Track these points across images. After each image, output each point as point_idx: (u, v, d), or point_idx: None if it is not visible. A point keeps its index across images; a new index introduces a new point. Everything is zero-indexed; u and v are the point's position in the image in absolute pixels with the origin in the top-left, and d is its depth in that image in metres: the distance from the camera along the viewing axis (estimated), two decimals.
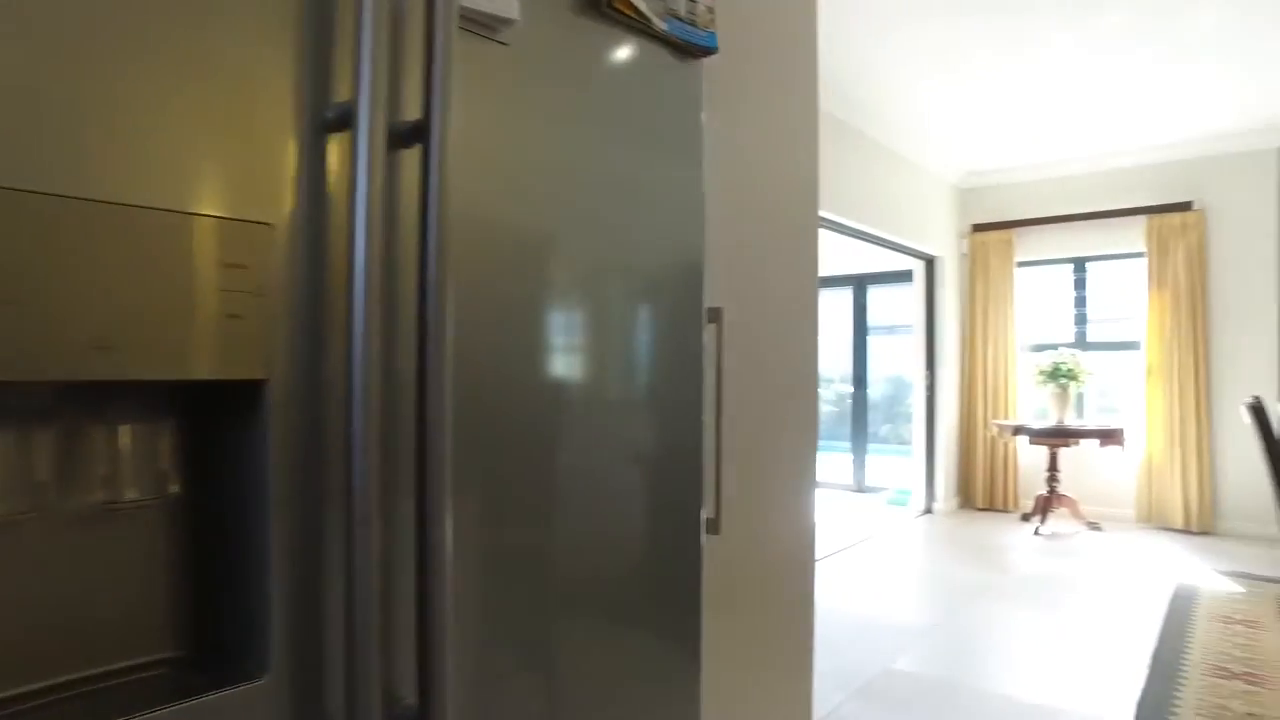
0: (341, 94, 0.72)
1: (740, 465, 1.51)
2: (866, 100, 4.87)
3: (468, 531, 0.84)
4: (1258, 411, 3.21)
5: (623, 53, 1.05)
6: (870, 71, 4.42)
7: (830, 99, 4.74)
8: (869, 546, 5.20)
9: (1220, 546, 5.13)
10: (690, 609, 1.17)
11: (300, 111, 0.69)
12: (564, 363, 0.98)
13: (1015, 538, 5.41)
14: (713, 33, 1.18)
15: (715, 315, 1.27)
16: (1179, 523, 5.52)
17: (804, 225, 1.83)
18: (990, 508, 6.31)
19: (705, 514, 1.23)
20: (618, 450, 1.06)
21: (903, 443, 7.13)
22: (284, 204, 0.68)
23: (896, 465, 7.09)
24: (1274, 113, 5.04)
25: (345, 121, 0.70)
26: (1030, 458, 6.18)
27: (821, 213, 4.73)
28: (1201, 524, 5.47)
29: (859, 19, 3.79)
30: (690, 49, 1.15)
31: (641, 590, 1.13)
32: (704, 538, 1.20)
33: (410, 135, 0.74)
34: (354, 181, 0.68)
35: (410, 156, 0.77)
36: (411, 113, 0.77)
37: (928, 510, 6.27)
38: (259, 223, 0.66)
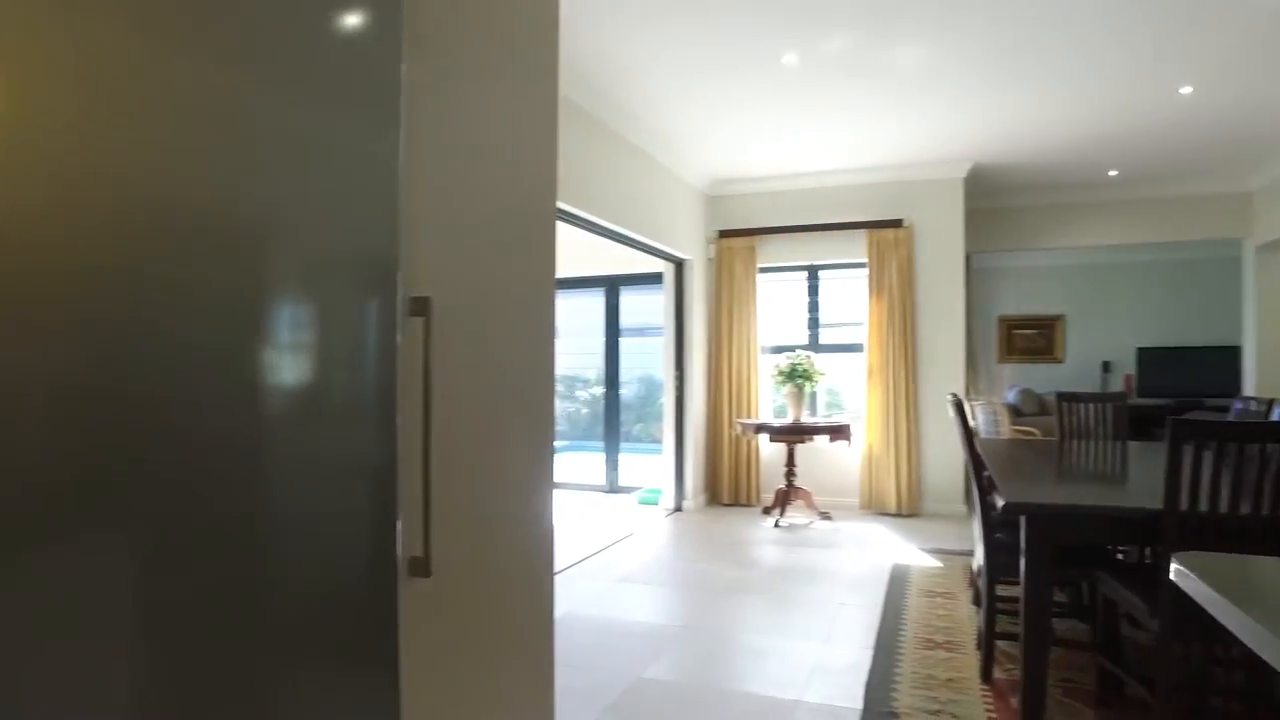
0: None
1: (464, 478, 1.28)
2: (624, 102, 4.83)
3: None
4: (958, 406, 3.55)
5: None
6: (627, 73, 4.38)
7: (584, 94, 4.64)
8: (621, 549, 5.17)
9: (925, 527, 5.73)
10: (383, 662, 0.91)
11: None
12: (201, 364, 0.69)
13: (758, 531, 5.67)
14: None
15: (422, 306, 1.03)
16: (893, 508, 6.11)
17: (542, 215, 1.63)
18: (736, 502, 6.60)
19: (408, 552, 0.98)
20: (276, 474, 0.78)
21: (654, 441, 7.26)
22: None
23: (648, 464, 7.22)
24: (963, 147, 5.73)
25: None
26: (771, 454, 6.53)
27: (571, 207, 4.62)
28: (910, 508, 6.09)
29: (608, 15, 3.70)
30: None
31: (318, 647, 0.86)
32: (402, 581, 0.95)
33: None
34: None
35: None
36: None
37: (678, 508, 6.41)
38: None
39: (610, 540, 5.36)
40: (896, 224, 6.22)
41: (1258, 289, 6.62)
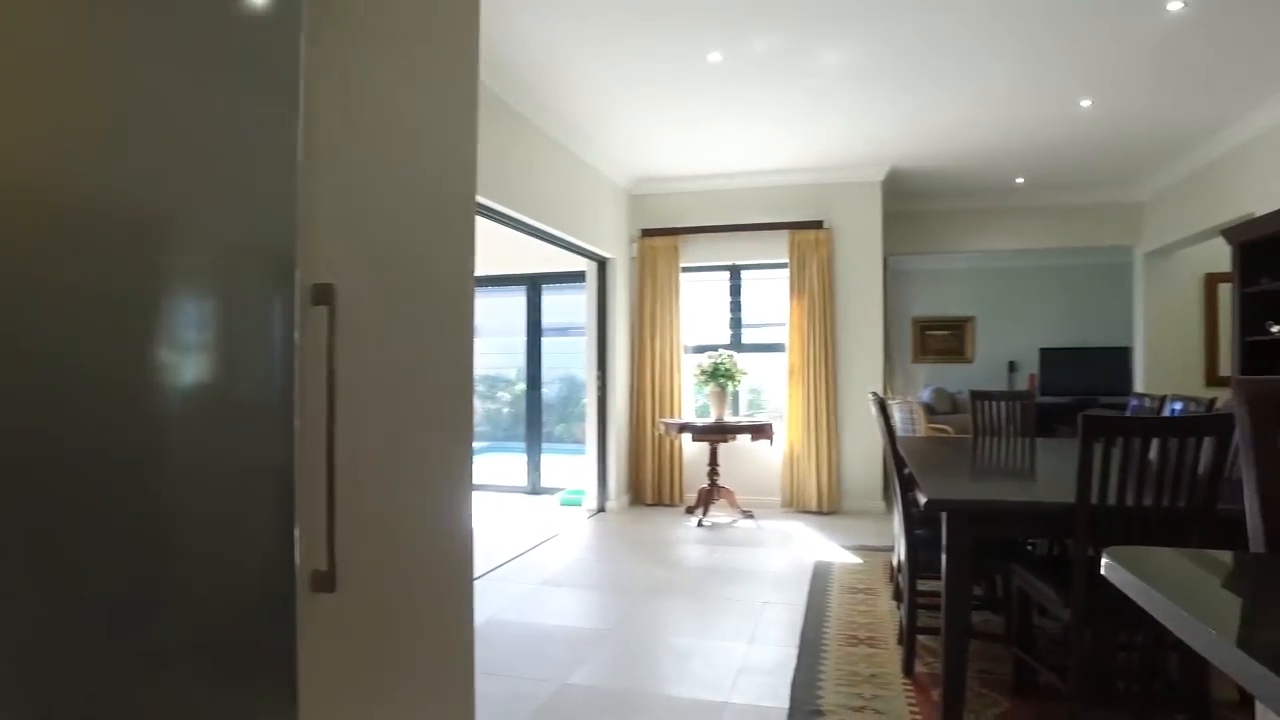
0: None
1: (375, 483, 1.18)
2: (547, 95, 4.74)
3: None
4: (881, 405, 3.61)
5: None
6: (551, 65, 4.29)
7: (505, 85, 4.53)
8: (543, 551, 5.07)
9: (845, 524, 5.83)
10: (279, 682, 0.82)
11: None
12: (76, 363, 0.59)
13: (681, 531, 5.66)
14: None
15: (325, 294, 0.94)
16: (815, 506, 6.20)
17: (460, 203, 1.54)
18: (659, 502, 6.58)
19: (309, 565, 0.89)
20: (163, 478, 0.69)
21: (577, 442, 7.18)
22: None
23: (571, 465, 7.13)
24: (881, 150, 5.87)
25: None
26: (694, 453, 6.54)
27: (491, 202, 4.50)
28: (831, 506, 6.19)
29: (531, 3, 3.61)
30: None
31: (209, 667, 0.76)
32: (302, 597, 0.86)
33: None
34: None
35: None
36: None
37: (601, 509, 6.35)
38: None
39: (532, 543, 5.25)
40: (817, 225, 6.31)
41: (1145, 292, 7.00)
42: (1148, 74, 4.33)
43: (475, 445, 1.56)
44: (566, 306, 7.29)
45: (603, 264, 6.40)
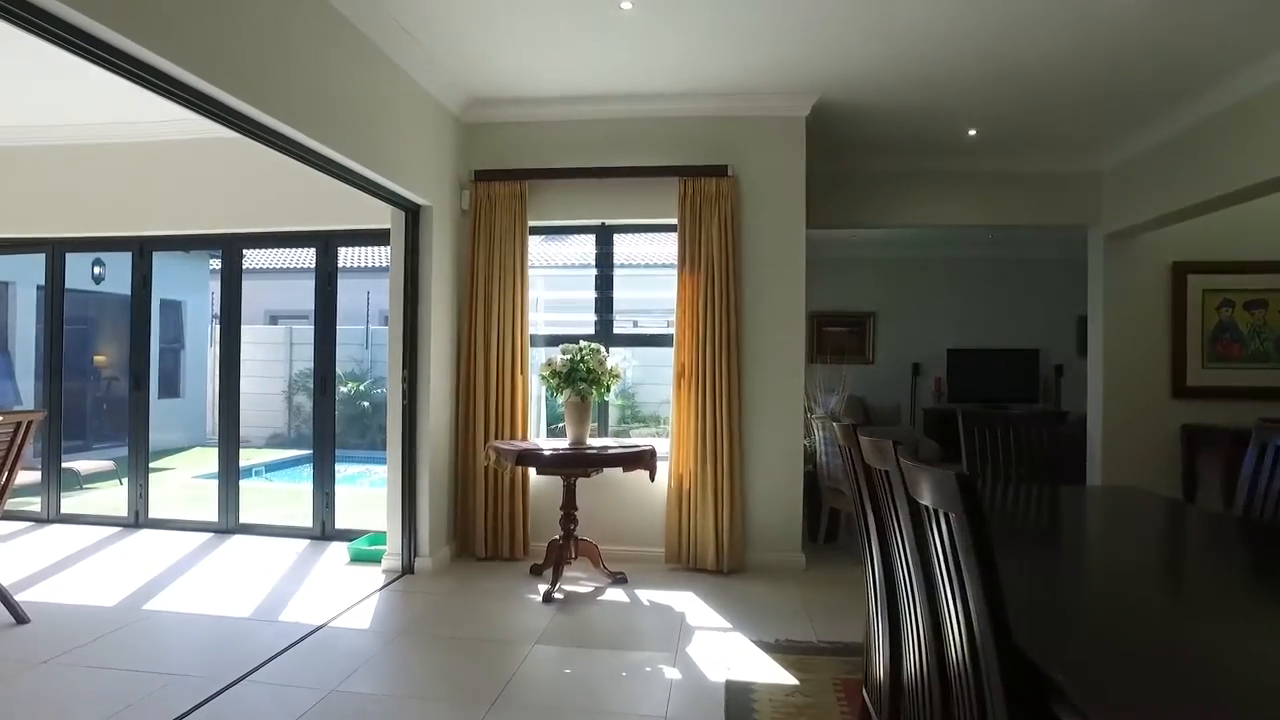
0: None
1: None
2: None
3: None
4: (850, 435, 1.90)
5: None
6: None
7: None
8: (292, 666, 3.03)
9: (757, 593, 4.10)
10: None
11: None
12: None
13: (521, 613, 3.75)
14: None
15: None
16: (711, 562, 4.44)
17: None
18: (496, 555, 4.64)
19: None
20: None
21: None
22: None
23: (375, 498, 5.06)
24: (805, 72, 4.19)
25: None
26: (544, 487, 4.65)
27: (225, 93, 2.50)
28: (733, 561, 4.45)
29: None
30: None
31: None
32: None
33: None
34: None
35: None
36: None
37: (407, 568, 4.34)
38: None
39: (279, 644, 3.20)
40: (719, 171, 4.55)
41: (1105, 282, 5.70)
42: None
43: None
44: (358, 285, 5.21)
45: (413, 214, 4.38)
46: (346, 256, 13.57)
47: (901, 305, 9.50)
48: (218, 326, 12.91)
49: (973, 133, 5.06)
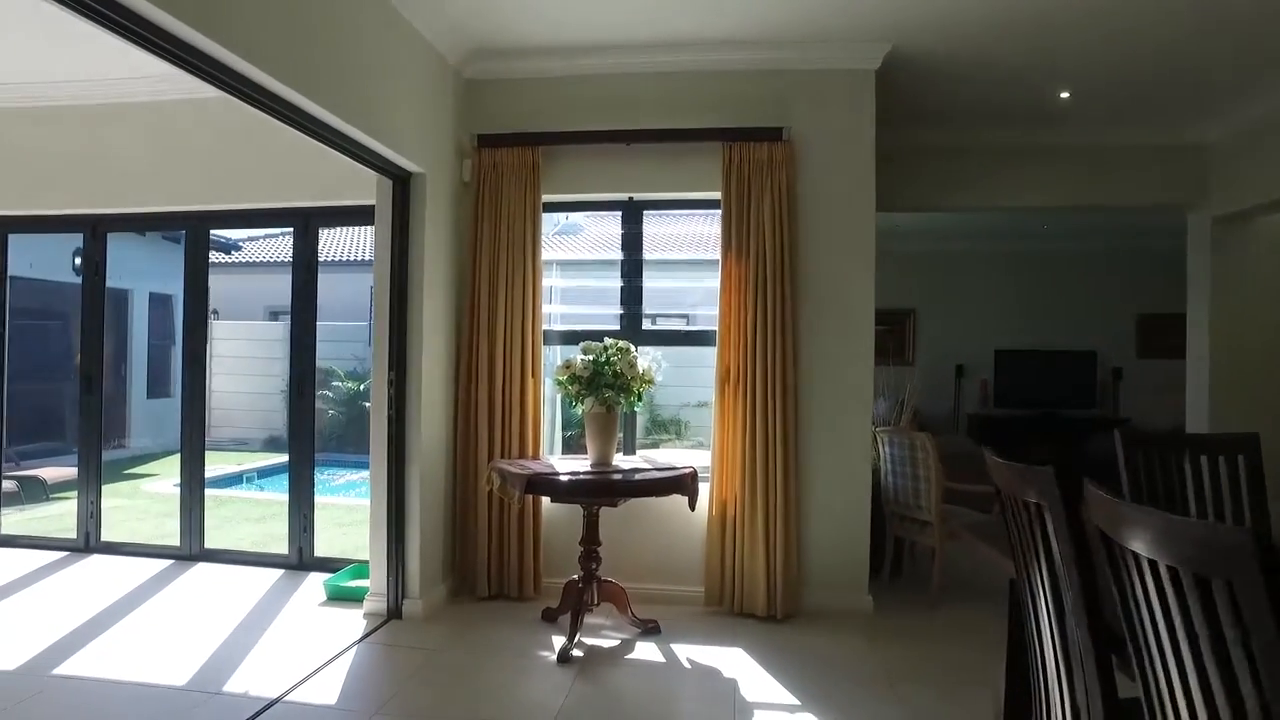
0: None
1: None
2: None
3: None
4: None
5: None
6: None
7: None
8: None
9: (819, 651, 3.32)
10: None
11: None
12: None
13: (529, 679, 2.99)
14: None
15: None
16: (760, 605, 3.66)
17: None
18: (501, 595, 3.87)
19: None
20: None
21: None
22: None
23: (358, 520, 4.31)
24: (876, 15, 3.43)
25: None
26: (560, 513, 3.89)
27: (186, 27, 1.77)
28: (787, 604, 3.67)
29: None
30: None
31: None
32: None
33: None
34: None
35: None
36: None
37: (395, 612, 3.59)
38: None
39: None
40: (772, 135, 3.77)
41: (1213, 275, 4.89)
42: None
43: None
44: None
45: (403, 184, 3.62)
46: (347, 245, 12.90)
47: (944, 302, 8.71)
48: (214, 322, 12.15)
49: (1065, 95, 4.26)
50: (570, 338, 4.09)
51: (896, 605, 3.88)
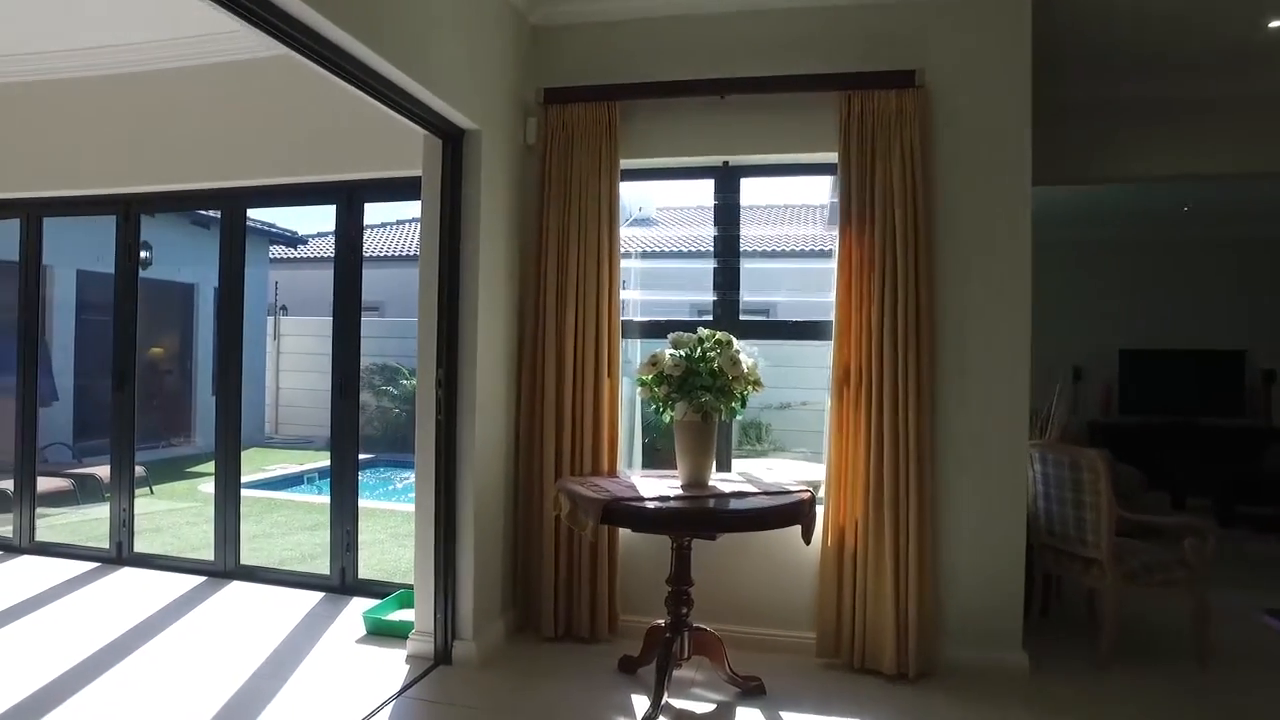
0: None
1: None
2: None
3: None
4: None
5: None
6: None
7: None
8: None
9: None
10: None
11: None
12: None
13: None
14: None
15: None
16: (888, 660, 2.95)
17: None
18: (570, 636, 3.26)
19: None
20: None
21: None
22: None
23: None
24: None
25: None
26: (641, 545, 3.25)
27: None
28: (922, 660, 2.95)
29: None
30: None
31: None
32: None
33: None
34: None
35: None
36: None
37: (444, 656, 3.00)
38: None
39: None
40: (903, 81, 3.05)
41: None
42: None
43: None
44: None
45: (454, 143, 3.02)
46: (408, 238, 12.52)
47: (1058, 296, 7.74)
48: (280, 317, 11.87)
49: (1276, 24, 3.41)
50: (651, 329, 3.45)
51: (1056, 662, 3.12)
